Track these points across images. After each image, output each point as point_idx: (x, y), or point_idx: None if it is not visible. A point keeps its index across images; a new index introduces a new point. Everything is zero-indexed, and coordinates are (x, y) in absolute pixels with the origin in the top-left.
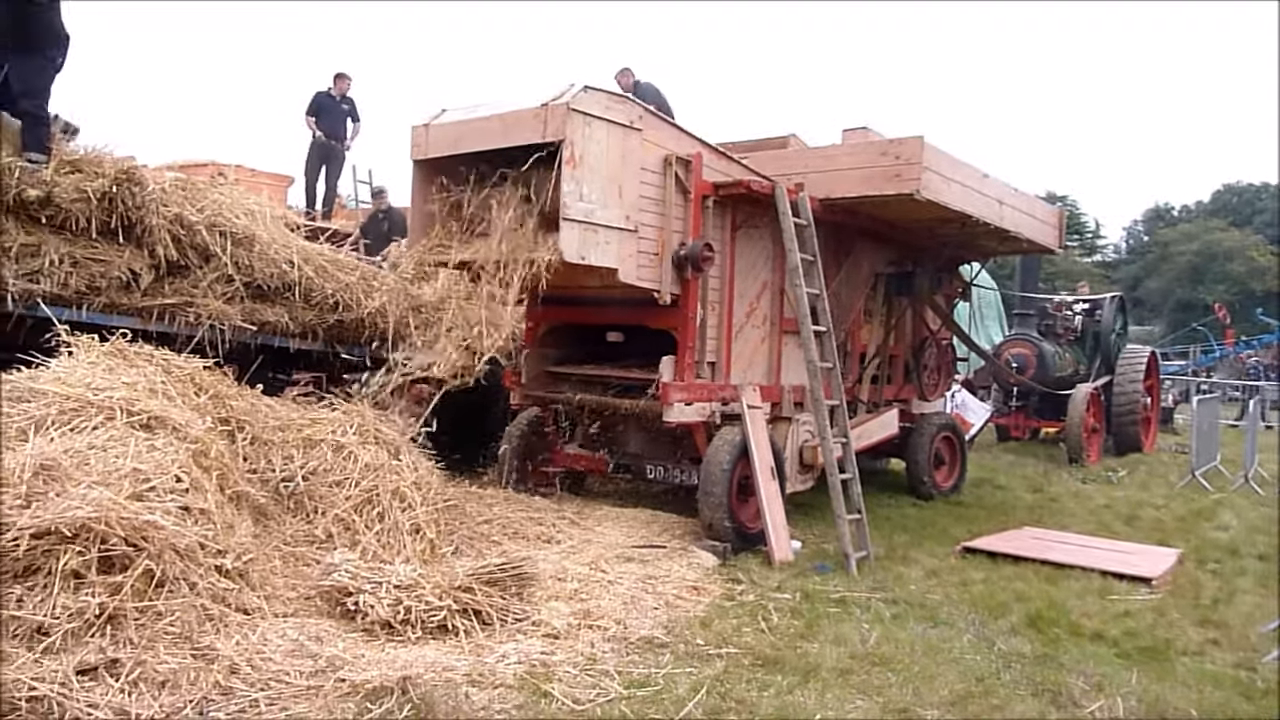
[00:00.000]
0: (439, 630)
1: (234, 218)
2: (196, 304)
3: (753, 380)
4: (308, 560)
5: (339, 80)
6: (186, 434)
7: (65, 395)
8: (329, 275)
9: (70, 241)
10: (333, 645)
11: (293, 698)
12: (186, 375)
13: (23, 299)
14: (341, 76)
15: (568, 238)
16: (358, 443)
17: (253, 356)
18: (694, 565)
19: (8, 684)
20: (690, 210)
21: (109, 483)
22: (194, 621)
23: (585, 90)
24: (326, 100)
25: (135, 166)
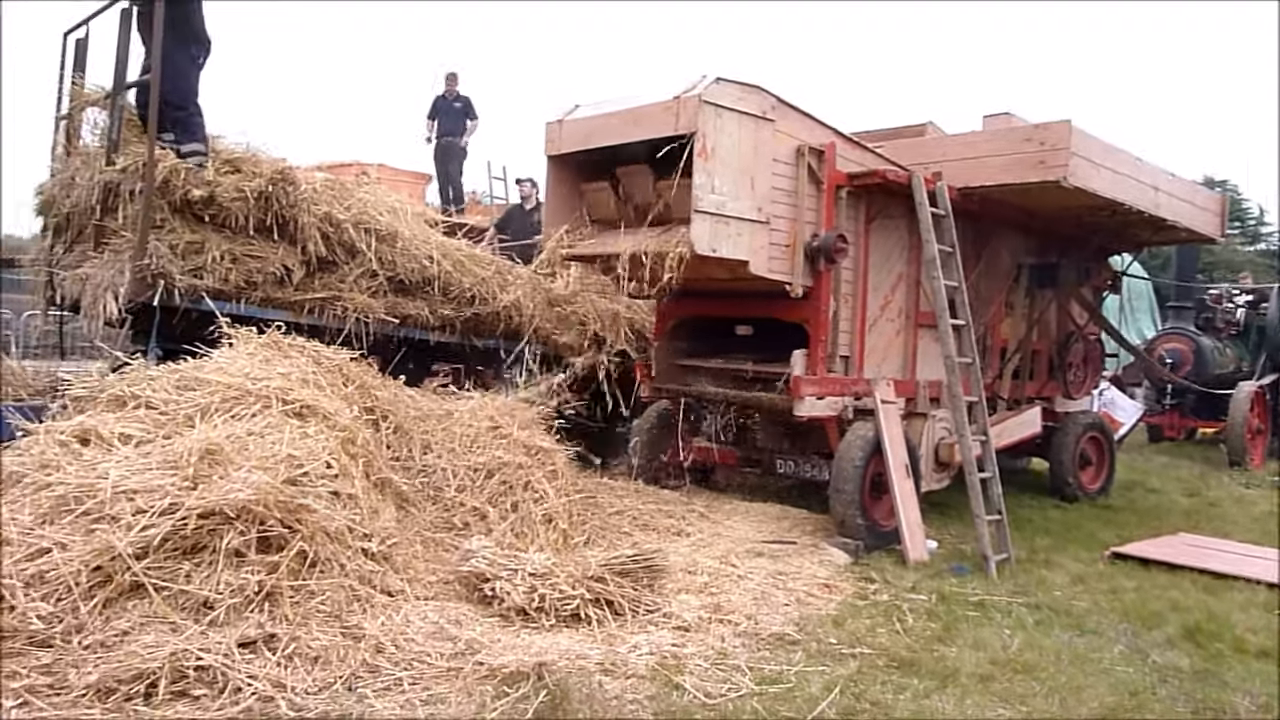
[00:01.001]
0: (572, 619)
1: (378, 215)
2: (343, 298)
3: (887, 375)
4: (446, 546)
5: (449, 81)
6: (335, 422)
7: (227, 384)
8: (466, 270)
9: (230, 239)
10: (471, 629)
11: (434, 678)
12: (335, 366)
13: (188, 294)
14: (451, 77)
15: (699, 230)
16: (493, 433)
17: (395, 348)
18: (825, 562)
19: (179, 653)
20: (823, 201)
21: (266, 467)
22: (343, 601)
23: (717, 82)
24: (441, 103)
25: (289, 167)
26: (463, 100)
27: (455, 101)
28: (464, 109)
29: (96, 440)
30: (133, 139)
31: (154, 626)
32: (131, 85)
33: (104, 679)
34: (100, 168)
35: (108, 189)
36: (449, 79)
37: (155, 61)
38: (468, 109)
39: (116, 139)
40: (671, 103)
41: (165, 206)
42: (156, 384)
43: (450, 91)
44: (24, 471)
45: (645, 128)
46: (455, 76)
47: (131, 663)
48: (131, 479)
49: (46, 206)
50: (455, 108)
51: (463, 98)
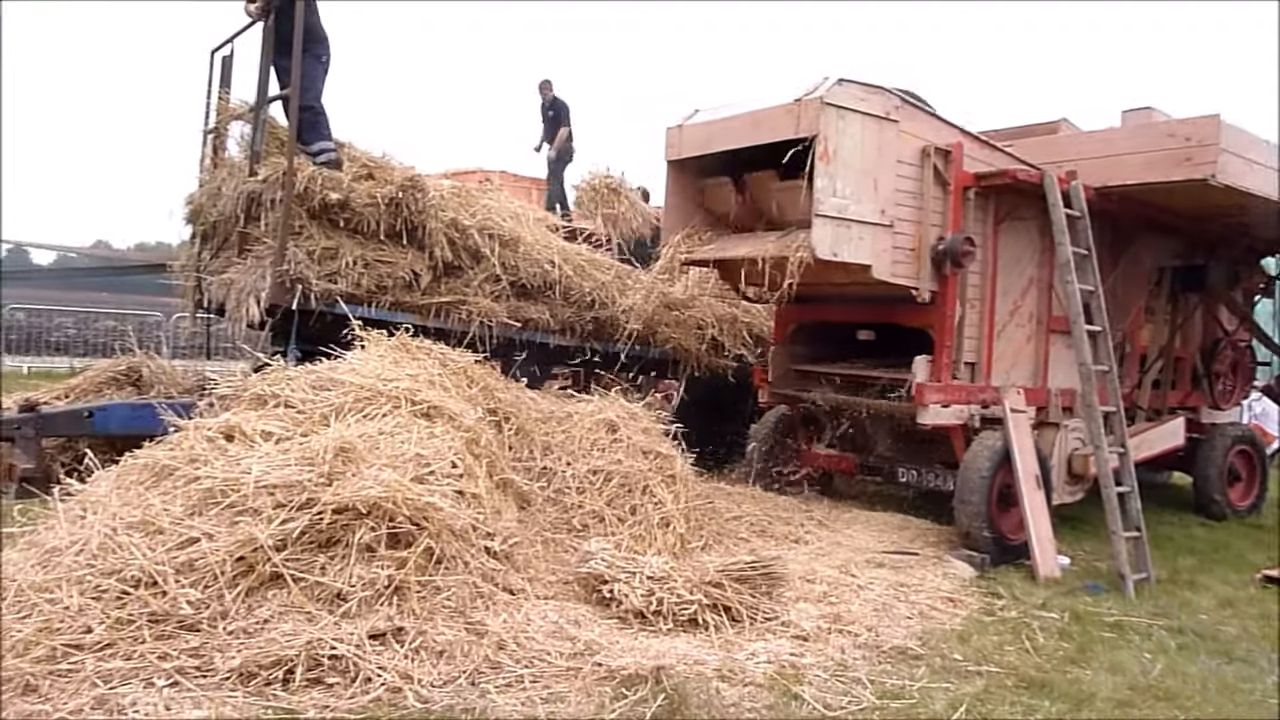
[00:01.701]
0: (689, 623)
1: (501, 221)
2: (468, 302)
3: (1016, 382)
4: (565, 547)
5: (541, 89)
6: (460, 423)
7: (359, 385)
8: (586, 274)
9: (362, 244)
10: (590, 630)
11: (554, 677)
12: (460, 368)
13: (323, 298)
14: (544, 85)
15: (820, 234)
16: (611, 437)
17: (517, 351)
18: (949, 575)
19: (314, 642)
20: (950, 203)
21: (396, 466)
22: (467, 598)
23: (840, 83)
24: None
25: (419, 174)
26: (556, 107)
27: (550, 109)
28: (555, 115)
29: (240, 437)
30: (273, 150)
31: (291, 615)
32: (273, 99)
33: (246, 664)
34: (244, 178)
35: (251, 198)
36: (541, 87)
37: (295, 79)
38: (559, 115)
39: (259, 150)
40: (793, 105)
41: (303, 213)
42: (295, 384)
43: (545, 98)
44: (175, 465)
45: (766, 131)
46: (548, 84)
47: (271, 649)
48: (272, 474)
49: (195, 215)
50: (548, 114)
51: (557, 104)
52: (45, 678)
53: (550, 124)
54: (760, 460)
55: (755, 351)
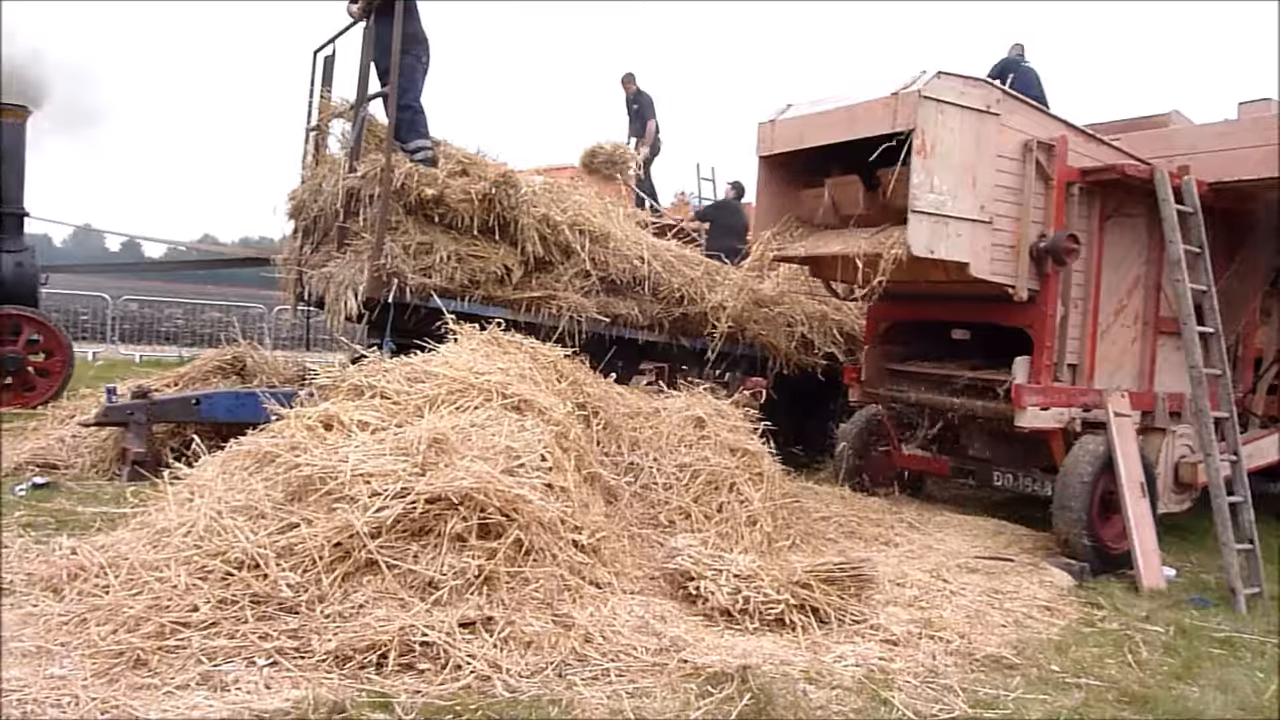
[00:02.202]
0: (776, 623)
1: (592, 216)
2: (558, 297)
3: (1120, 385)
4: (651, 542)
5: (624, 84)
6: (550, 417)
7: (452, 378)
8: (675, 270)
9: (456, 240)
10: (675, 626)
11: (640, 672)
12: (550, 362)
13: (418, 292)
14: (626, 79)
15: (916, 231)
16: (699, 433)
17: (605, 346)
18: (1046, 583)
19: (406, 628)
20: (1052, 199)
21: (487, 458)
22: (554, 590)
23: (938, 76)
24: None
25: (511, 170)
26: (640, 101)
27: (634, 103)
28: (639, 110)
29: (338, 426)
30: (372, 147)
31: (385, 602)
32: (372, 97)
33: (341, 647)
34: (344, 175)
35: (350, 194)
36: (624, 81)
37: (393, 77)
38: (643, 110)
39: (358, 147)
40: (889, 99)
41: (400, 209)
42: (390, 376)
43: (628, 93)
44: (277, 452)
45: (861, 126)
46: (631, 78)
47: (365, 634)
48: (368, 463)
49: (297, 211)
50: (631, 109)
51: (641, 98)
52: (154, 653)
53: (635, 119)
54: (849, 460)
55: (845, 350)
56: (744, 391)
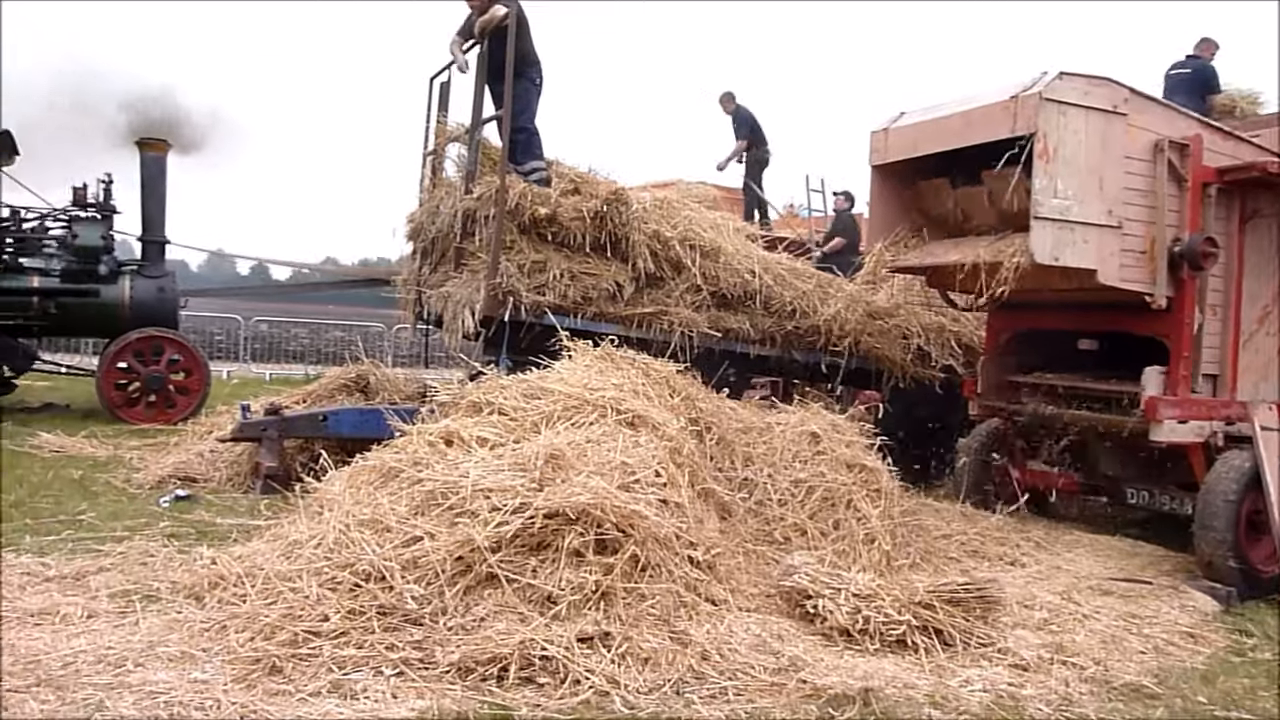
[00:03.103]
0: (897, 644)
1: (702, 232)
2: (669, 312)
3: (1267, 397)
4: (767, 559)
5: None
6: (663, 432)
7: (567, 394)
8: (787, 283)
9: (568, 257)
10: (793, 645)
11: (758, 691)
12: (662, 378)
13: (532, 309)
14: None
15: (1039, 238)
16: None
17: (717, 361)
18: (1188, 608)
19: (526, 641)
20: (1187, 201)
21: (603, 473)
22: (671, 606)
23: (1060, 77)
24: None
25: (622, 188)
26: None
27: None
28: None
29: (458, 442)
30: (487, 169)
31: (505, 615)
32: (487, 121)
33: (464, 659)
34: (460, 197)
35: (466, 215)
36: (721, 101)
37: (507, 101)
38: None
39: (474, 170)
40: (1009, 102)
41: (514, 229)
42: (507, 393)
43: (726, 111)
44: (400, 467)
45: (979, 131)
46: (729, 96)
47: (487, 647)
48: (487, 478)
49: (415, 233)
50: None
51: (740, 115)
52: (288, 660)
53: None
54: (970, 476)
55: (964, 361)
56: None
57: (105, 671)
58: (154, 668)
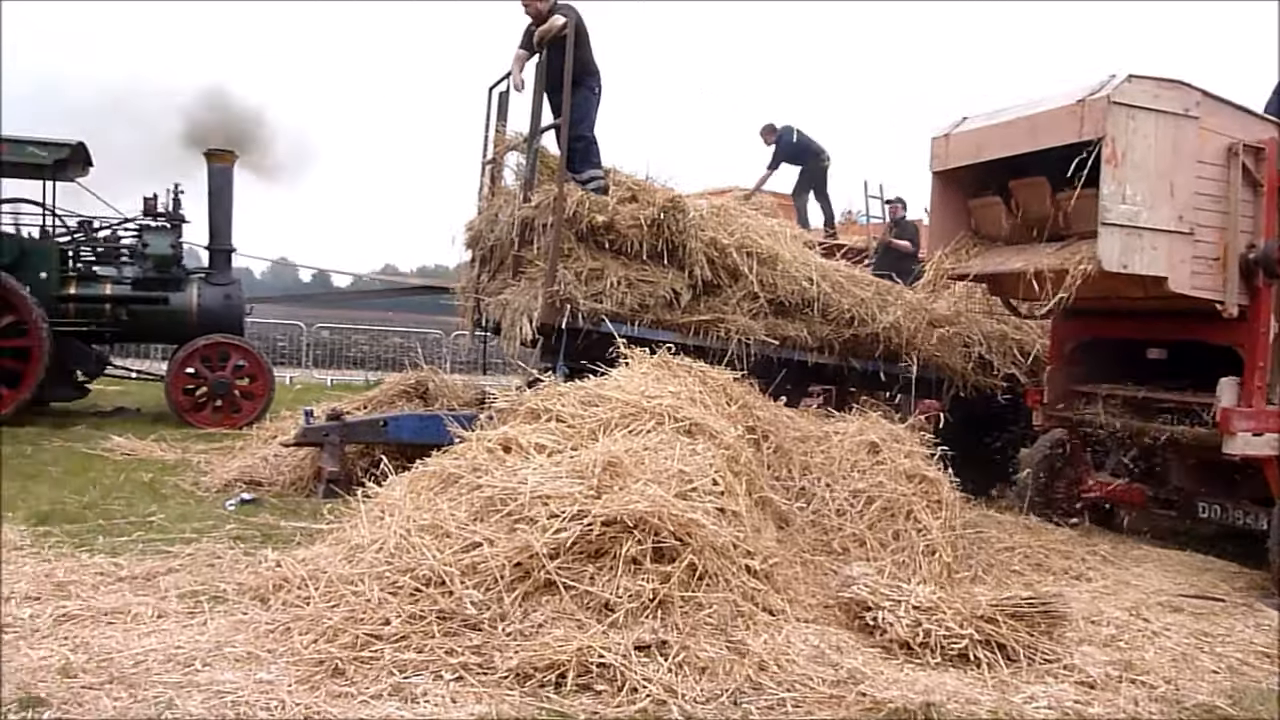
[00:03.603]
0: (959, 659)
1: (759, 239)
2: (726, 320)
3: None
4: (825, 570)
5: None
6: (721, 440)
7: (625, 401)
8: (845, 291)
9: (625, 265)
10: (852, 657)
11: (816, 703)
12: (719, 386)
13: (590, 317)
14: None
15: (1107, 244)
16: (873, 459)
17: (774, 369)
18: (1264, 626)
19: (584, 649)
20: (1262, 205)
21: (660, 481)
22: (728, 616)
23: (1129, 80)
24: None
25: (679, 195)
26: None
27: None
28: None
29: (516, 449)
30: (545, 178)
31: (563, 622)
32: (545, 129)
33: (522, 665)
34: (518, 205)
35: (524, 223)
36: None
37: (565, 109)
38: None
39: (532, 178)
40: (1075, 107)
41: (572, 236)
42: (565, 400)
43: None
44: (460, 473)
45: (1044, 136)
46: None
47: (545, 653)
48: (546, 485)
49: (474, 241)
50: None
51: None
52: (351, 662)
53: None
54: (1034, 488)
55: (1027, 370)
56: (918, 415)
57: (174, 670)
58: (221, 667)
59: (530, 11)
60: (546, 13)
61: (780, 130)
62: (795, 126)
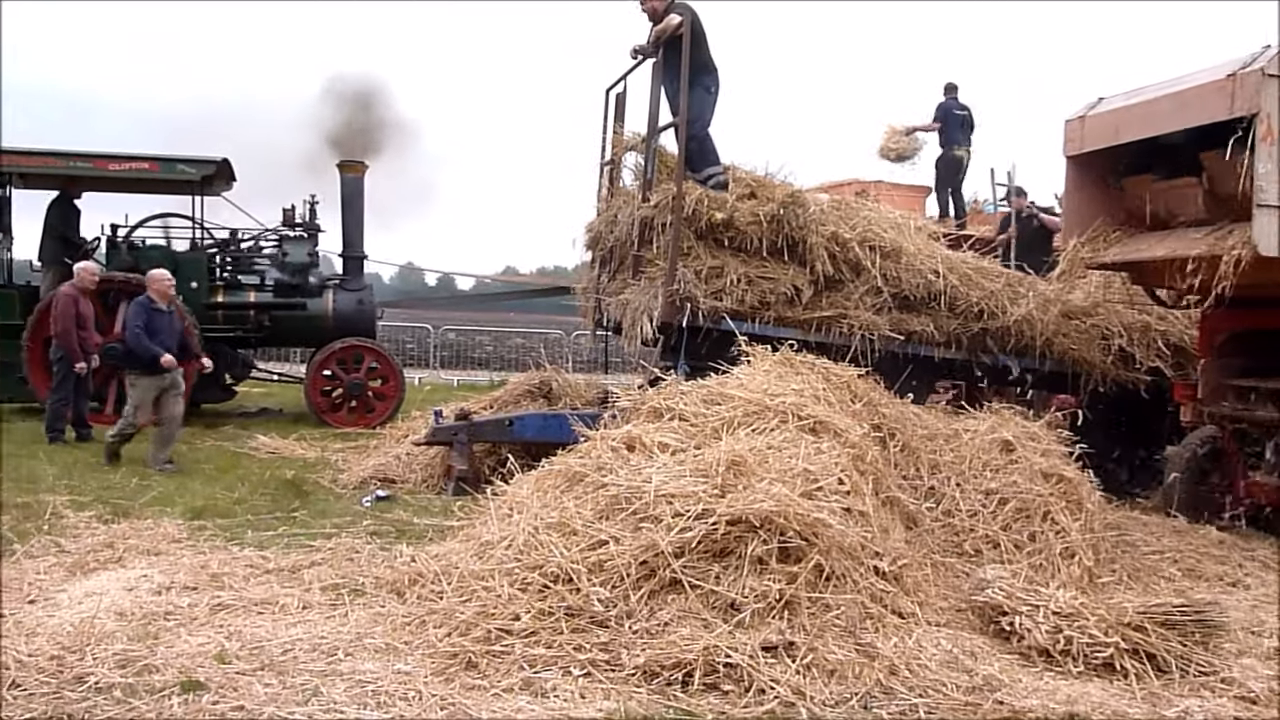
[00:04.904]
0: (1103, 668)
1: (882, 232)
2: (849, 315)
3: None
4: (956, 572)
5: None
6: (846, 438)
7: (747, 400)
8: (973, 283)
9: (745, 262)
10: (987, 664)
11: (950, 710)
12: (843, 383)
13: (710, 315)
14: (950, 86)
15: (1263, 228)
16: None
17: (899, 365)
18: None
19: (710, 648)
20: None
21: (785, 480)
22: (856, 618)
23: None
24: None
25: (799, 190)
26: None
27: (957, 109)
28: (963, 117)
29: (640, 447)
30: (664, 177)
31: (689, 621)
32: (663, 129)
33: (649, 663)
34: (637, 205)
35: (644, 223)
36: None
37: (682, 107)
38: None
39: (650, 178)
40: (1224, 81)
41: (691, 235)
42: (687, 398)
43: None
44: (585, 471)
45: (1190, 114)
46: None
47: (671, 652)
48: (670, 484)
49: (594, 242)
50: (955, 115)
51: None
52: (483, 656)
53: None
54: (1183, 488)
55: (1173, 363)
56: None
57: (319, 659)
58: (362, 657)
59: (647, 10)
60: (663, 12)
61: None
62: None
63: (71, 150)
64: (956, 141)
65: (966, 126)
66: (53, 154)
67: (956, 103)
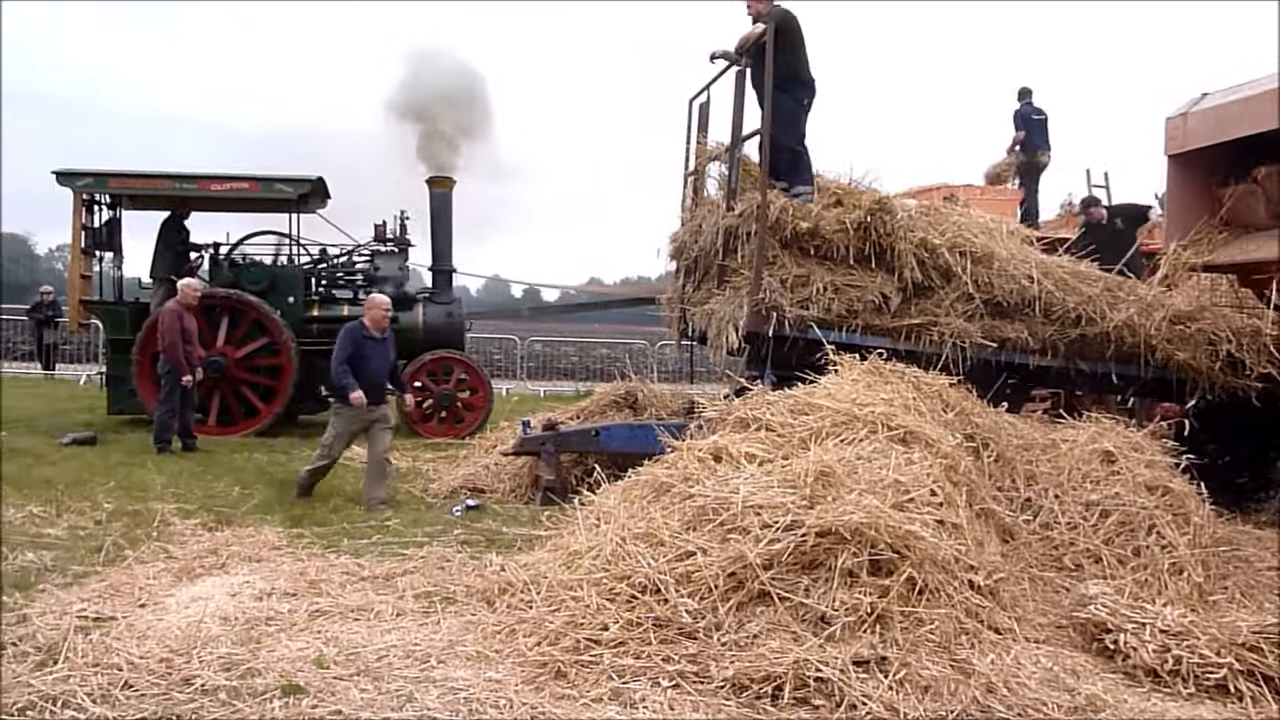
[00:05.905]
0: (1216, 690)
1: (972, 237)
2: (939, 323)
3: None
4: (1055, 587)
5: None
6: (938, 449)
7: (835, 410)
8: (1070, 288)
9: (831, 270)
10: (1090, 683)
11: None
12: (934, 392)
13: (796, 324)
14: (1024, 91)
15: None
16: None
17: (993, 373)
18: None
19: (800, 662)
20: None
21: (875, 492)
22: (951, 633)
23: None
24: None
25: (886, 196)
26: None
27: (1035, 114)
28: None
29: (727, 458)
30: (748, 187)
31: (778, 633)
32: (748, 137)
33: (738, 675)
34: (722, 214)
35: (728, 233)
36: (1022, 93)
37: (765, 114)
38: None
39: (734, 187)
40: None
41: (776, 244)
42: (774, 408)
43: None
44: (672, 482)
45: None
46: (1029, 90)
47: (760, 664)
48: (757, 495)
49: (678, 252)
50: (1034, 120)
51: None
52: (572, 666)
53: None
54: None
55: None
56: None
57: (413, 665)
58: (454, 665)
59: (752, 12)
60: (766, 15)
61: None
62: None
63: (177, 172)
64: (1039, 147)
65: (1045, 130)
66: (160, 176)
67: (1033, 107)
